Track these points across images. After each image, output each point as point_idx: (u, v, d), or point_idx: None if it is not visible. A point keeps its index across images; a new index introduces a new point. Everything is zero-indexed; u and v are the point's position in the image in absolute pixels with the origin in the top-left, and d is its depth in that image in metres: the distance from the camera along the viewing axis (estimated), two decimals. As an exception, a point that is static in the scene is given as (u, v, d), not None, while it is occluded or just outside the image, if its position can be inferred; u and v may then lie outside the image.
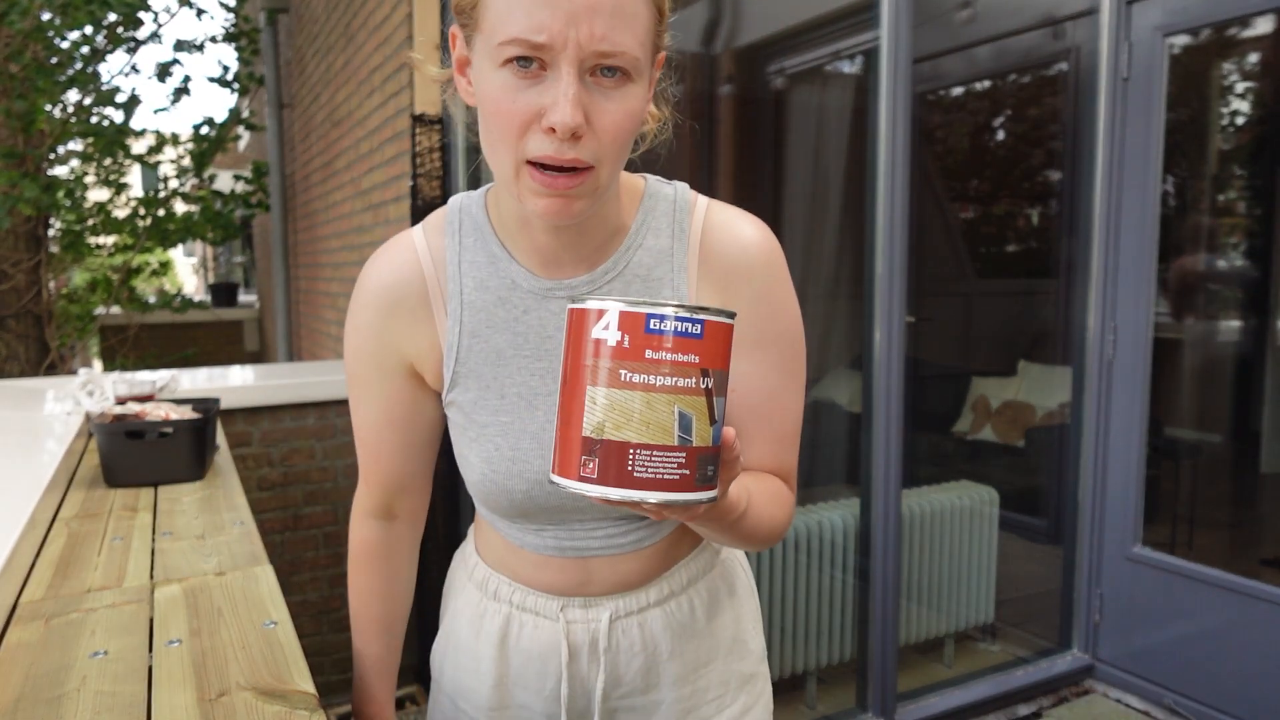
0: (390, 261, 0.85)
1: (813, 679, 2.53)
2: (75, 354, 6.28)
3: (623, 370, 0.57)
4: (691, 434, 0.58)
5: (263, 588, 1.11)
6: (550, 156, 0.68)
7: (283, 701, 0.82)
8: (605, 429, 0.57)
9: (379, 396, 0.89)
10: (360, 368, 0.89)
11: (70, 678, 0.87)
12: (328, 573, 2.61)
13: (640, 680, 0.93)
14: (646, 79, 0.73)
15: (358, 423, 0.93)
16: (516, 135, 0.69)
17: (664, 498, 0.58)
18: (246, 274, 13.26)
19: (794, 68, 3.79)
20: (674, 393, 0.57)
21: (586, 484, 0.58)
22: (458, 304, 0.83)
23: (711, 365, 0.58)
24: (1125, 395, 2.65)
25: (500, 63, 0.68)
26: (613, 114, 0.69)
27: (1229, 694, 2.43)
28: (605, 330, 0.58)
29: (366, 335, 0.87)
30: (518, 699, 0.94)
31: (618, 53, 0.67)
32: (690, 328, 0.57)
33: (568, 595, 0.91)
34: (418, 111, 2.53)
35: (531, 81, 0.68)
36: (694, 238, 0.83)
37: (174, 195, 6.06)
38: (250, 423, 2.48)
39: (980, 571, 2.80)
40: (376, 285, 0.85)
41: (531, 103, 0.68)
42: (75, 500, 1.52)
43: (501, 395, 0.83)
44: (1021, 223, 4.39)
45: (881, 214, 2.28)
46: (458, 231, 0.85)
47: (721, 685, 0.96)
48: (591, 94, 0.68)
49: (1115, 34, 2.60)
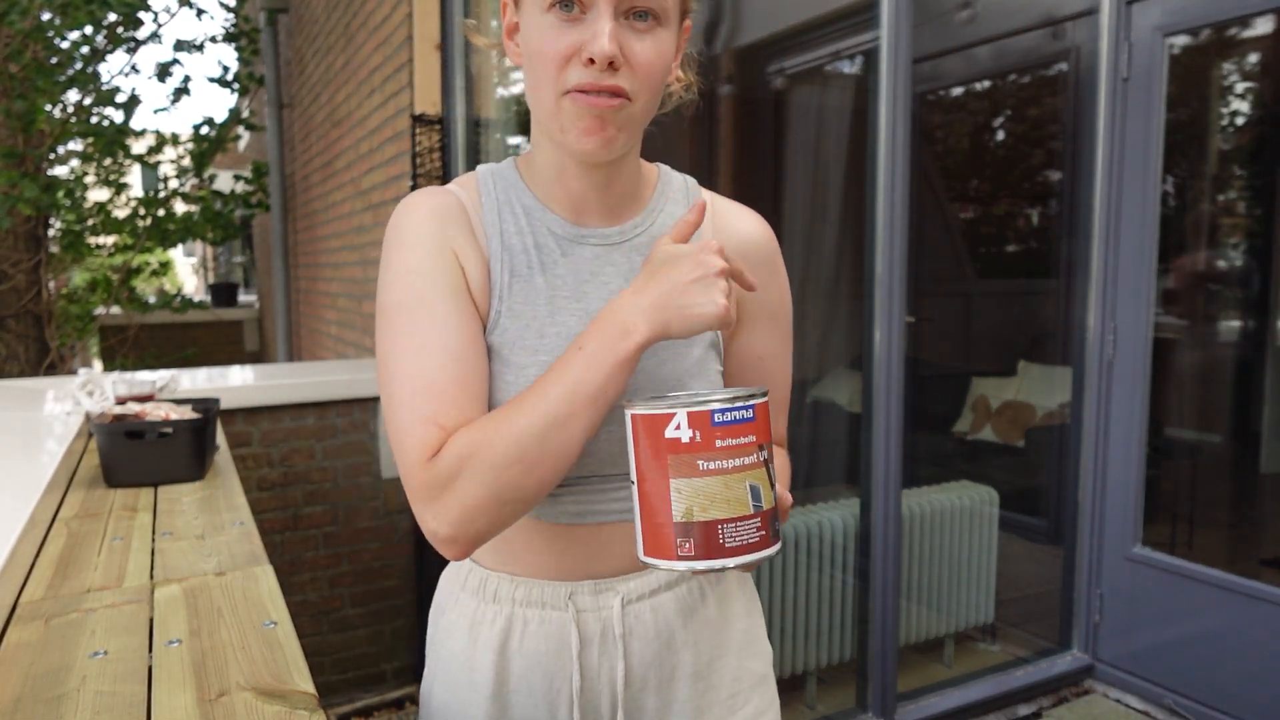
0: (429, 194, 0.86)
1: (813, 679, 2.53)
2: (75, 354, 6.28)
3: (700, 461, 0.67)
4: (761, 500, 0.69)
5: (262, 588, 1.11)
6: (590, 83, 0.75)
7: (282, 701, 0.82)
8: (694, 513, 0.67)
9: (457, 312, 0.80)
10: (421, 286, 0.80)
11: (70, 678, 0.87)
12: (328, 573, 2.61)
13: (654, 673, 0.90)
14: (675, 29, 0.81)
15: (424, 360, 0.78)
16: (558, 69, 0.76)
17: (751, 559, 0.68)
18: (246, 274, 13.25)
19: (794, 68, 3.79)
20: (743, 470, 0.68)
21: (686, 561, 0.68)
22: (498, 244, 0.85)
23: (764, 439, 0.69)
24: (1125, 395, 2.65)
25: (545, 7, 0.76)
26: (645, 52, 0.77)
27: (1229, 694, 2.43)
28: (677, 430, 0.67)
29: (425, 248, 0.82)
30: (518, 710, 0.89)
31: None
32: (745, 414, 0.68)
33: (576, 580, 0.88)
34: (417, 111, 2.53)
35: (572, 23, 0.76)
36: (707, 216, 0.92)
37: (174, 195, 6.06)
38: (250, 423, 2.48)
39: (980, 571, 2.80)
40: (425, 205, 0.84)
41: (573, 40, 0.75)
42: (75, 500, 1.52)
43: (541, 335, 0.83)
44: (1021, 223, 4.39)
45: (881, 214, 2.28)
46: (492, 189, 0.88)
47: (734, 683, 0.94)
48: (625, 34, 0.76)
49: (1115, 34, 2.60)
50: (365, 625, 2.67)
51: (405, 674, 2.72)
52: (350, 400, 2.60)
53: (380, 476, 2.66)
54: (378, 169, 3.12)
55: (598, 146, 0.78)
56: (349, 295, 3.69)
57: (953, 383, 4.31)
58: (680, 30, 0.83)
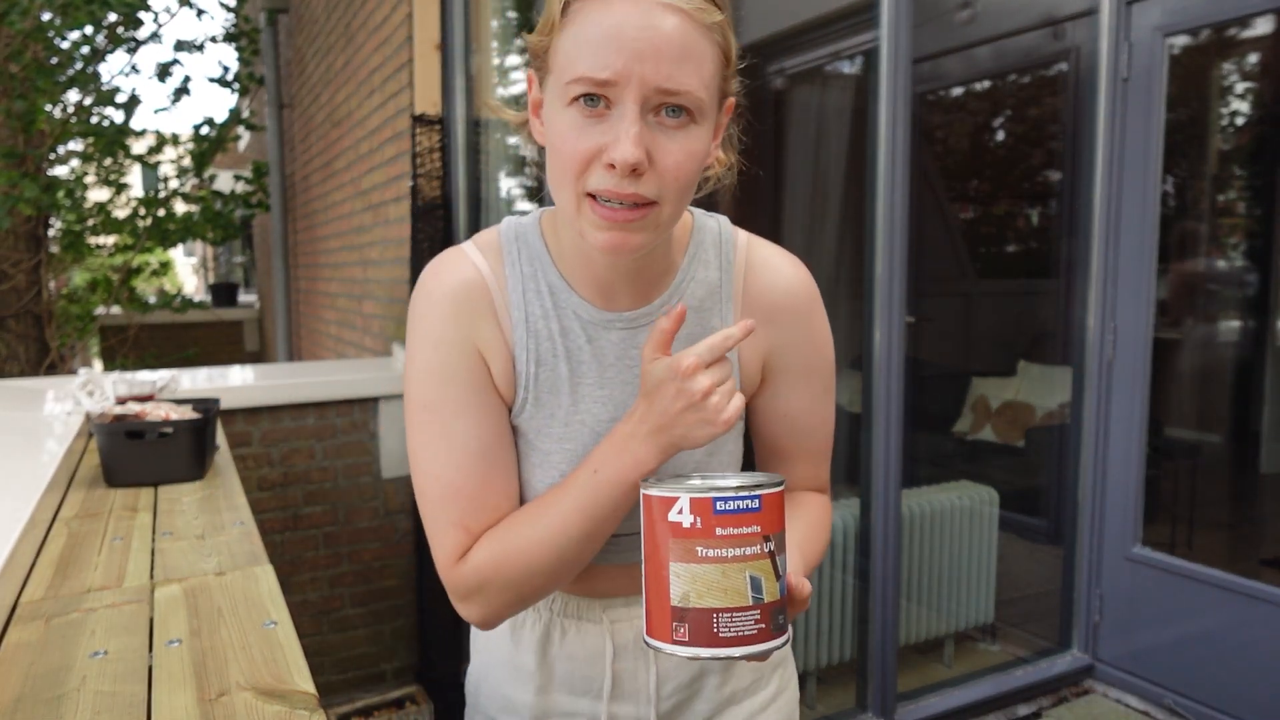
0: (453, 269, 0.83)
1: (813, 679, 2.53)
2: (75, 354, 6.28)
3: (699, 548, 0.66)
4: (763, 593, 0.67)
5: (262, 588, 1.11)
6: (610, 190, 0.69)
7: (282, 701, 0.82)
8: (690, 599, 0.66)
9: (479, 411, 0.81)
10: (441, 385, 0.80)
11: (70, 678, 0.87)
12: (327, 573, 2.61)
13: (687, 673, 0.93)
14: (711, 121, 0.74)
15: (447, 464, 0.80)
16: (579, 170, 0.70)
17: (746, 651, 0.67)
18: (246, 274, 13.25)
19: (794, 68, 3.79)
20: (744, 561, 0.66)
21: (680, 646, 0.67)
22: (524, 331, 0.82)
23: (771, 530, 0.67)
24: (1125, 395, 2.65)
25: (568, 101, 0.70)
26: (675, 154, 0.70)
27: (1229, 694, 2.43)
28: (680, 514, 0.66)
29: (446, 344, 0.80)
30: (563, 705, 0.93)
31: (681, 91, 0.68)
32: (750, 504, 0.66)
33: (611, 597, 0.91)
34: (417, 112, 2.53)
35: (596, 120, 0.69)
36: (739, 272, 0.86)
37: (174, 195, 6.06)
38: (250, 423, 2.48)
39: (980, 571, 2.80)
40: (447, 290, 0.81)
41: (595, 140, 0.69)
42: (75, 500, 1.52)
43: (566, 423, 0.84)
44: (1021, 223, 4.39)
45: (881, 214, 2.28)
46: (517, 260, 0.84)
47: (756, 669, 0.97)
48: (654, 133, 0.69)
49: (1115, 34, 2.60)
50: (365, 625, 2.67)
51: (405, 674, 2.72)
52: (350, 400, 2.60)
53: (380, 476, 2.66)
54: (378, 169, 3.12)
55: (619, 251, 0.73)
56: (349, 295, 3.69)
57: (953, 383, 4.31)
58: (721, 112, 0.77)
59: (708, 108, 0.72)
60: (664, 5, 0.68)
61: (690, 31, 0.69)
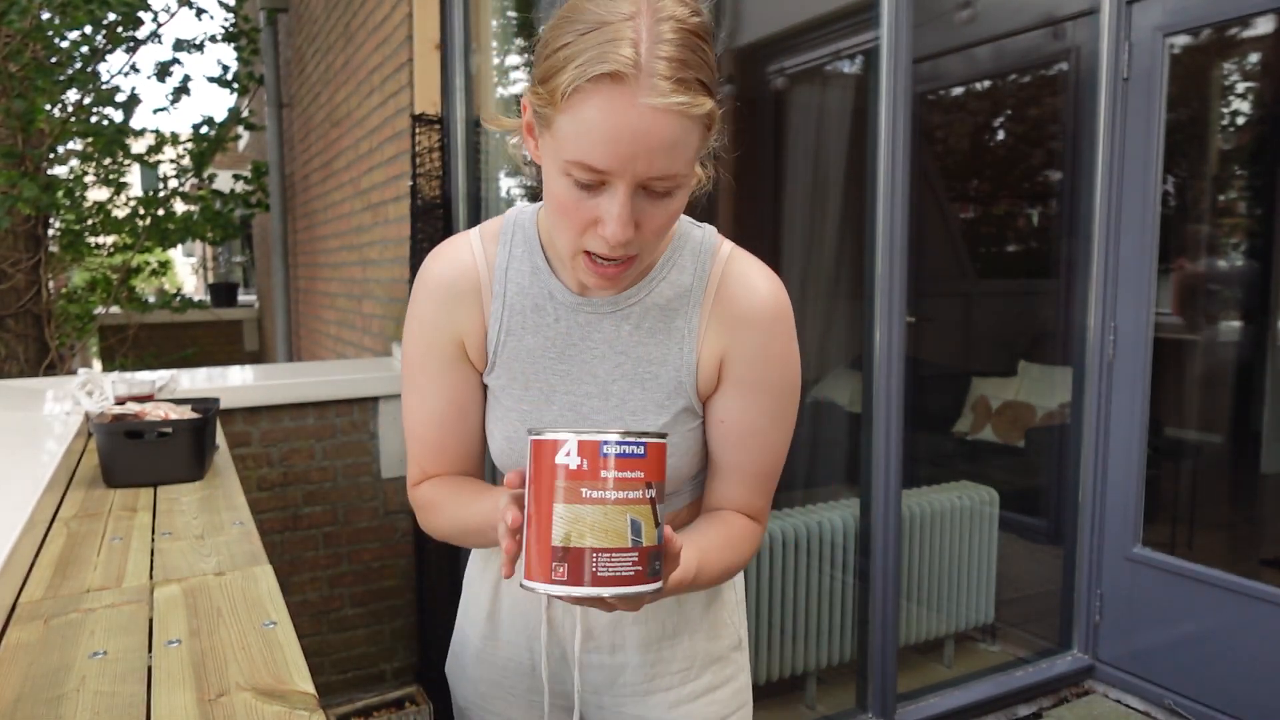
0: (450, 259, 0.95)
1: (813, 679, 2.53)
2: (75, 354, 6.27)
3: (584, 489, 0.69)
4: (642, 536, 0.70)
5: (262, 588, 1.10)
6: (604, 255, 0.79)
7: (282, 702, 0.82)
8: (571, 539, 0.69)
9: (443, 384, 0.97)
10: (422, 356, 0.96)
11: (69, 678, 0.86)
12: (327, 573, 2.61)
13: (607, 637, 1.01)
14: (692, 179, 0.81)
15: (418, 415, 0.99)
16: (577, 232, 0.79)
17: (621, 592, 0.70)
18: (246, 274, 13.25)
19: (794, 68, 3.79)
20: (626, 504, 0.70)
21: (558, 585, 0.70)
22: (501, 304, 0.93)
23: (654, 479, 0.71)
24: (1125, 395, 2.65)
25: (566, 172, 0.77)
26: (658, 217, 0.78)
27: (1229, 694, 2.43)
28: (568, 457, 0.70)
29: (428, 324, 0.95)
30: (506, 635, 1.06)
31: (670, 176, 0.76)
32: (636, 449, 0.70)
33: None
34: (417, 111, 2.53)
35: (592, 193, 0.77)
36: (713, 281, 0.91)
37: (173, 195, 6.05)
38: (250, 423, 2.47)
39: (980, 572, 2.80)
40: (437, 280, 0.95)
41: (591, 210, 0.77)
42: (74, 500, 1.51)
43: (526, 387, 0.95)
44: (1021, 223, 4.39)
45: (881, 214, 2.28)
46: (509, 241, 0.94)
47: (687, 660, 1.02)
48: (642, 203, 0.77)
49: (1115, 34, 2.60)
50: (365, 625, 2.67)
51: (405, 674, 2.72)
52: (350, 400, 2.60)
53: (380, 476, 2.65)
54: (377, 169, 3.12)
55: (607, 290, 0.85)
56: (348, 295, 3.68)
57: (953, 383, 4.31)
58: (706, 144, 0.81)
59: (689, 175, 0.79)
60: (657, 109, 0.72)
61: (679, 126, 0.73)
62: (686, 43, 0.73)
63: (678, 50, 0.72)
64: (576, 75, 0.72)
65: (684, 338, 0.90)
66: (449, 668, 1.15)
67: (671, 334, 0.91)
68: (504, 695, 1.07)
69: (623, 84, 0.71)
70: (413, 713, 2.51)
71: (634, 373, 0.91)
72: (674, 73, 0.72)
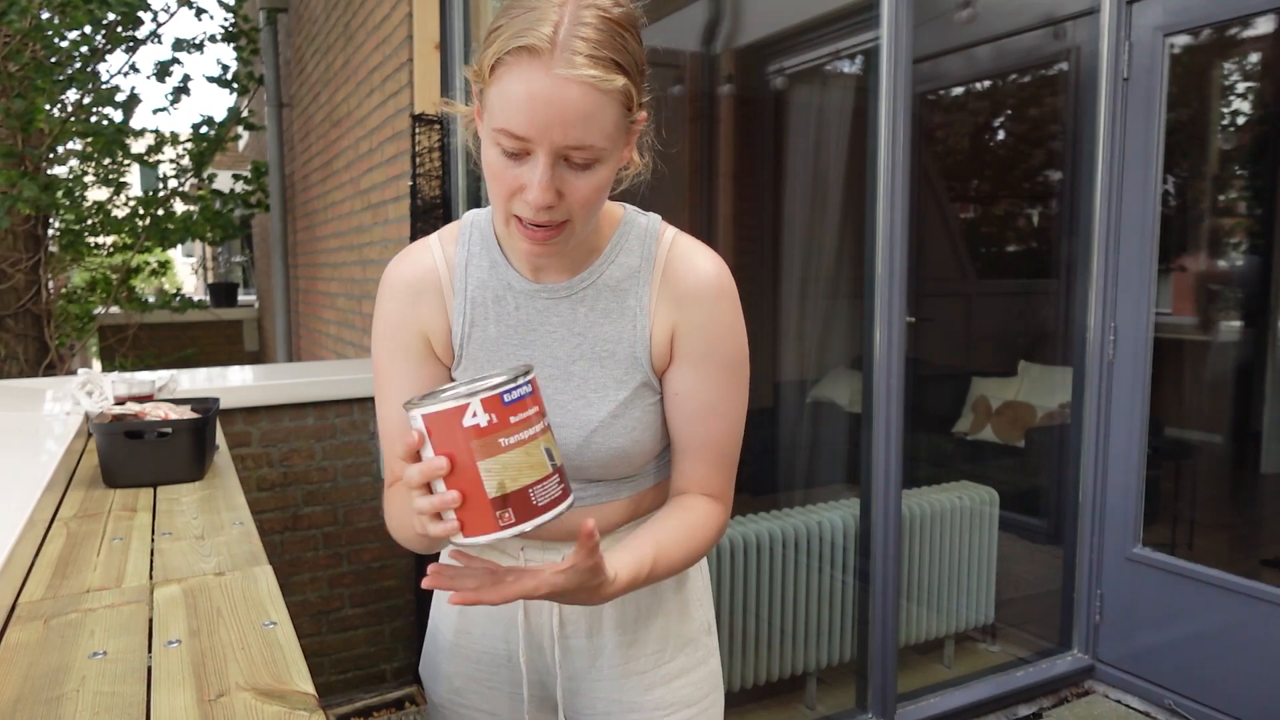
0: (412, 262, 1.01)
1: (813, 679, 2.53)
2: (74, 354, 6.26)
3: (500, 439, 0.74)
4: (555, 459, 0.78)
5: (262, 588, 1.10)
6: (529, 220, 0.85)
7: (282, 702, 0.82)
8: (506, 485, 0.74)
9: (413, 381, 1.00)
10: (390, 356, 1.00)
11: (69, 678, 0.86)
12: (327, 573, 2.61)
13: (584, 621, 1.04)
14: (615, 156, 0.86)
15: (390, 417, 1.00)
16: (505, 197, 0.85)
17: (559, 511, 0.77)
18: (246, 274, 13.24)
19: (794, 68, 3.79)
20: (537, 438, 0.76)
21: (507, 529, 0.75)
22: (463, 299, 0.98)
23: (543, 409, 0.78)
24: (1125, 395, 2.64)
25: (494, 141, 0.83)
26: (582, 189, 0.84)
27: (1229, 695, 2.43)
28: (475, 417, 0.74)
29: (394, 323, 1.00)
30: (480, 626, 1.08)
31: (585, 147, 0.81)
32: (526, 390, 0.76)
33: (530, 539, 1.02)
34: (417, 111, 2.53)
35: (518, 160, 0.83)
36: (659, 261, 0.97)
37: (173, 195, 6.05)
38: (249, 423, 2.47)
39: (980, 572, 2.80)
40: (401, 281, 1.00)
41: (517, 177, 0.83)
42: (74, 500, 1.51)
43: None
44: (1021, 223, 4.39)
45: (881, 214, 2.28)
46: (468, 241, 1.00)
47: (660, 641, 1.06)
48: (564, 174, 0.83)
49: (1115, 34, 2.60)
50: (365, 625, 2.67)
51: (405, 674, 2.72)
52: (350, 400, 2.60)
53: (380, 476, 2.65)
54: (377, 169, 3.12)
55: (540, 257, 0.88)
56: (348, 295, 3.68)
57: (953, 383, 4.31)
58: (629, 134, 0.87)
59: (610, 149, 0.84)
60: (569, 79, 0.78)
61: (592, 98, 0.79)
62: (605, 28, 0.80)
63: (595, 33, 0.80)
64: (499, 49, 0.80)
65: (636, 315, 0.96)
66: (422, 668, 1.17)
67: (624, 313, 0.96)
68: (480, 689, 1.09)
69: (538, 56, 0.78)
70: (413, 713, 2.51)
71: (592, 352, 0.97)
72: (588, 50, 0.79)
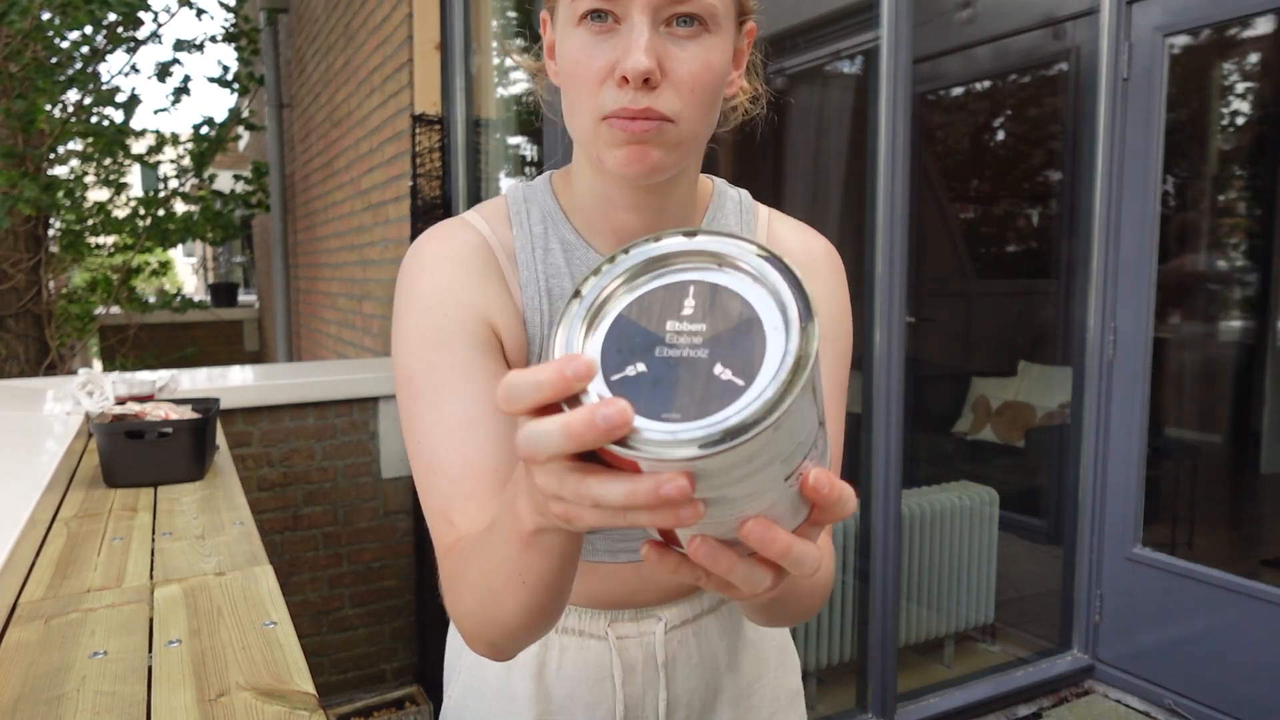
0: (452, 234, 0.76)
1: (812, 679, 2.53)
2: (75, 354, 6.27)
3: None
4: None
5: (262, 588, 1.10)
6: (625, 108, 0.65)
7: (282, 702, 0.82)
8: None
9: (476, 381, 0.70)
10: (436, 352, 0.71)
11: (70, 678, 0.87)
12: (327, 573, 2.61)
13: (698, 698, 0.86)
14: (728, 34, 0.70)
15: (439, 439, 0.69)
16: (593, 90, 0.67)
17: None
18: (246, 274, 13.25)
19: (794, 68, 3.79)
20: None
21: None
22: (534, 291, 0.75)
23: None
24: (1125, 395, 2.65)
25: (576, 21, 0.67)
26: (688, 63, 0.66)
27: (1229, 695, 2.43)
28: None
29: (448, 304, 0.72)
30: (565, 713, 0.84)
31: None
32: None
33: (616, 608, 0.83)
34: (418, 111, 2.54)
35: (606, 36, 0.66)
36: (760, 234, 0.83)
37: (174, 195, 6.06)
38: (250, 423, 2.48)
39: (980, 572, 2.80)
40: (445, 251, 0.74)
41: (607, 56, 0.66)
42: (75, 500, 1.52)
43: None
44: (1021, 223, 4.39)
45: (881, 214, 2.28)
46: (526, 220, 0.78)
47: (773, 702, 0.91)
48: (666, 43, 0.66)
49: (1115, 34, 2.60)
50: (365, 625, 2.67)
51: (405, 674, 2.72)
52: (350, 400, 2.60)
53: (380, 476, 2.65)
54: (378, 169, 3.12)
55: (640, 173, 0.68)
56: (349, 295, 3.69)
57: (953, 383, 4.31)
58: (741, 34, 0.74)
59: (722, 17, 0.68)
60: None
61: None
62: None
63: None
64: None
65: None
66: None
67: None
68: None
69: None
70: (413, 713, 2.51)
71: None
72: None
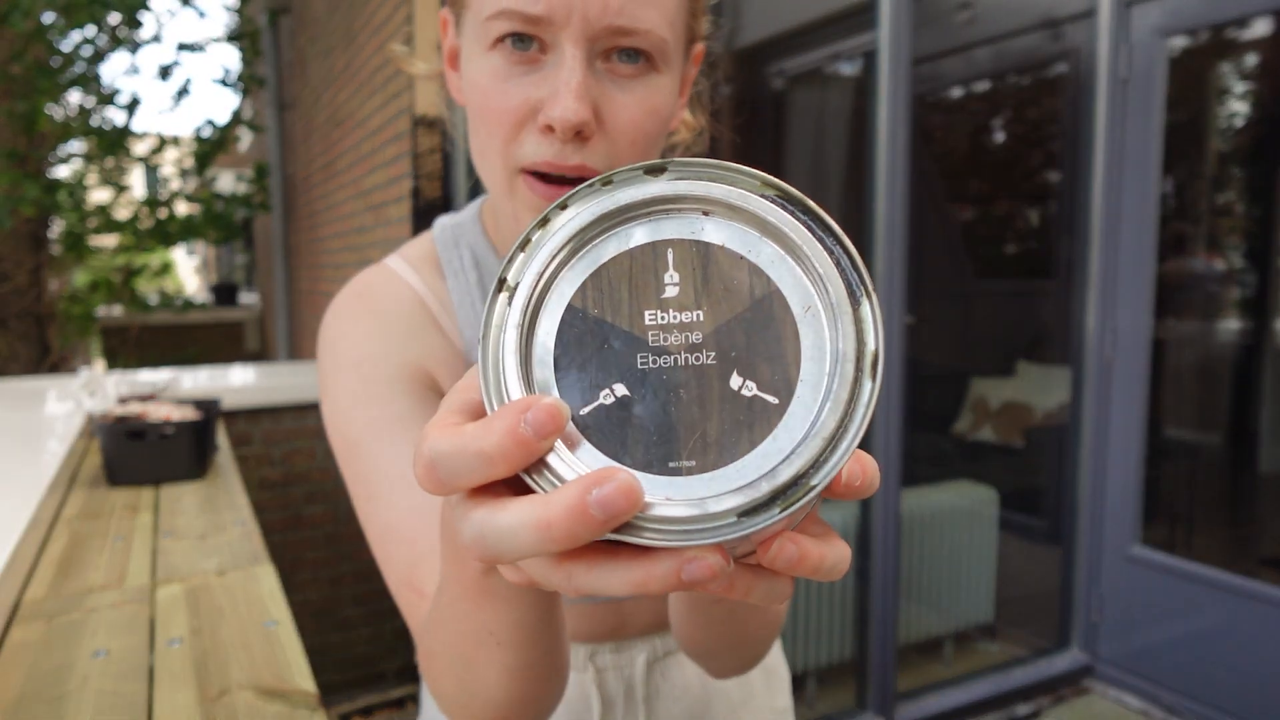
0: (370, 287, 0.66)
1: (812, 679, 2.53)
2: (76, 354, 6.28)
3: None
4: None
5: (263, 587, 1.11)
6: (549, 163, 0.53)
7: (283, 701, 0.82)
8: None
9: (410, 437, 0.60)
10: (367, 411, 0.60)
11: (72, 677, 0.87)
12: (328, 573, 2.62)
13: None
14: (676, 70, 0.57)
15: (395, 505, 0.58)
16: (508, 136, 0.54)
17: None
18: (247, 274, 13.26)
19: (793, 69, 3.79)
20: None
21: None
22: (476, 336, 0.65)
23: None
24: (1125, 395, 2.65)
25: (490, 44, 0.54)
26: (630, 109, 0.53)
27: (1228, 694, 2.43)
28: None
29: (374, 363, 0.62)
30: None
31: (638, 29, 0.52)
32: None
33: (597, 641, 0.79)
34: (419, 113, 2.54)
35: (528, 68, 0.53)
36: None
37: (175, 196, 6.07)
38: (251, 423, 2.48)
39: (980, 571, 2.81)
40: (370, 308, 0.64)
41: (527, 94, 0.53)
42: (77, 500, 1.52)
43: None
44: (1021, 223, 4.39)
45: (881, 215, 2.28)
46: (460, 268, 0.67)
47: None
48: (603, 84, 0.53)
49: (1114, 35, 2.61)
50: (366, 625, 2.67)
51: (405, 673, 2.72)
52: (351, 401, 2.61)
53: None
54: (379, 170, 3.13)
55: None
56: (350, 296, 3.69)
57: (952, 383, 4.31)
58: (688, 61, 0.61)
59: (672, 52, 0.55)
60: None
61: None
62: None
63: None
64: None
65: None
66: None
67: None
68: None
69: None
70: (413, 712, 2.52)
71: None
72: None
